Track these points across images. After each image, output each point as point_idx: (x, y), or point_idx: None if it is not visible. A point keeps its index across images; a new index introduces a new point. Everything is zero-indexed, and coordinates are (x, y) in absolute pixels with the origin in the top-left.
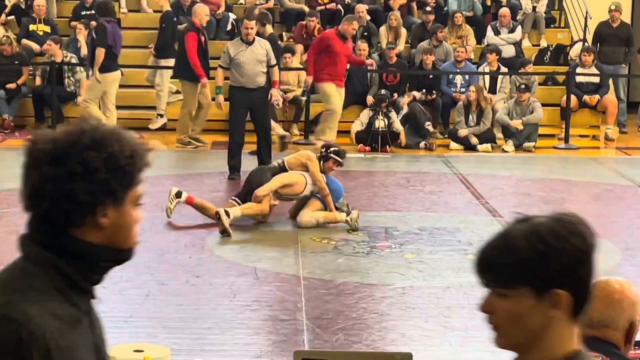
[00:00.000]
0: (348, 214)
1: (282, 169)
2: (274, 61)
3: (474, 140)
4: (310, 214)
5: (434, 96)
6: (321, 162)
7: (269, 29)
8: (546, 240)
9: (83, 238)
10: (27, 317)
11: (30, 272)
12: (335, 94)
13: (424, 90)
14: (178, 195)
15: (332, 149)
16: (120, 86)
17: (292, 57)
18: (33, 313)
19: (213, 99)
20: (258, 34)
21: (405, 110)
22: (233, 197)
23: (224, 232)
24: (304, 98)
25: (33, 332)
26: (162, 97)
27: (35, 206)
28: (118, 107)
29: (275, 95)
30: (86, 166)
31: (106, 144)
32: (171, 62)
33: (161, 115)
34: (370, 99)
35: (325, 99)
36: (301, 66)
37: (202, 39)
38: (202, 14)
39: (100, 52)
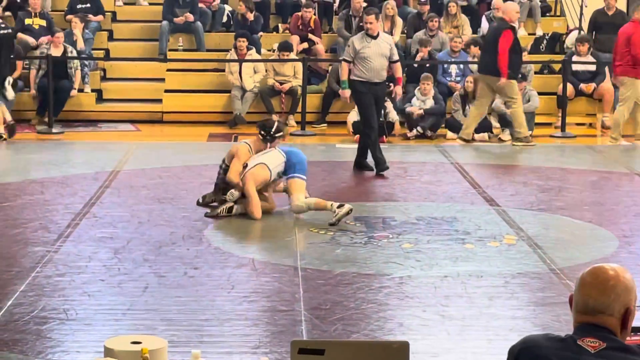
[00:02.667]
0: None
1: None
2: (396, 57)
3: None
4: (303, 199)
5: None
6: (268, 144)
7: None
8: None
9: None
10: None
11: None
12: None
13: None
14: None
15: (273, 130)
16: (114, 79)
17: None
18: None
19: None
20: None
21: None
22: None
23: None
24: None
25: None
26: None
27: None
28: (115, 100)
29: (399, 92)
30: None
31: None
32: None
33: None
34: None
35: (635, 93)
36: (297, 57)
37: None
38: (512, 11)
39: None
